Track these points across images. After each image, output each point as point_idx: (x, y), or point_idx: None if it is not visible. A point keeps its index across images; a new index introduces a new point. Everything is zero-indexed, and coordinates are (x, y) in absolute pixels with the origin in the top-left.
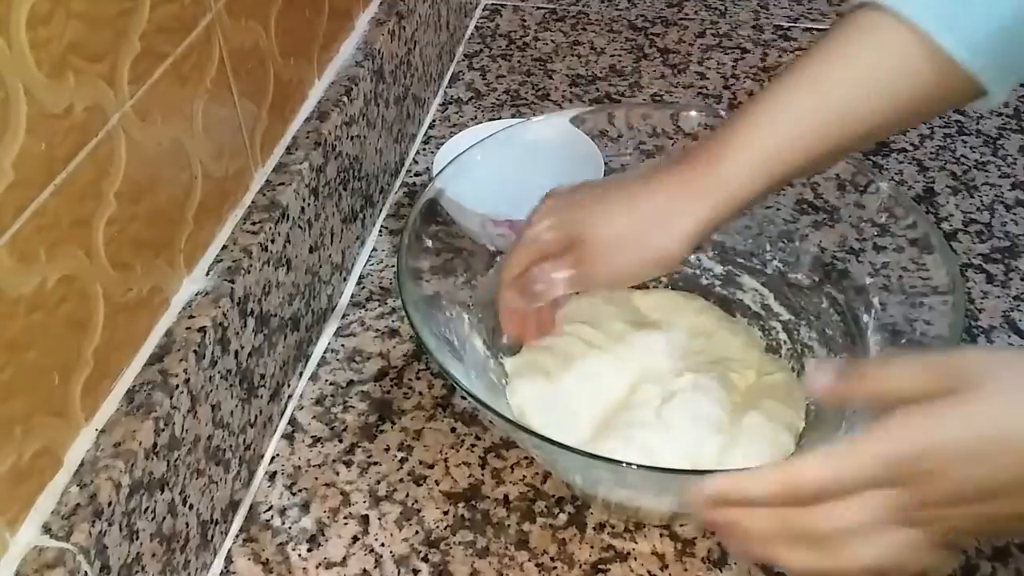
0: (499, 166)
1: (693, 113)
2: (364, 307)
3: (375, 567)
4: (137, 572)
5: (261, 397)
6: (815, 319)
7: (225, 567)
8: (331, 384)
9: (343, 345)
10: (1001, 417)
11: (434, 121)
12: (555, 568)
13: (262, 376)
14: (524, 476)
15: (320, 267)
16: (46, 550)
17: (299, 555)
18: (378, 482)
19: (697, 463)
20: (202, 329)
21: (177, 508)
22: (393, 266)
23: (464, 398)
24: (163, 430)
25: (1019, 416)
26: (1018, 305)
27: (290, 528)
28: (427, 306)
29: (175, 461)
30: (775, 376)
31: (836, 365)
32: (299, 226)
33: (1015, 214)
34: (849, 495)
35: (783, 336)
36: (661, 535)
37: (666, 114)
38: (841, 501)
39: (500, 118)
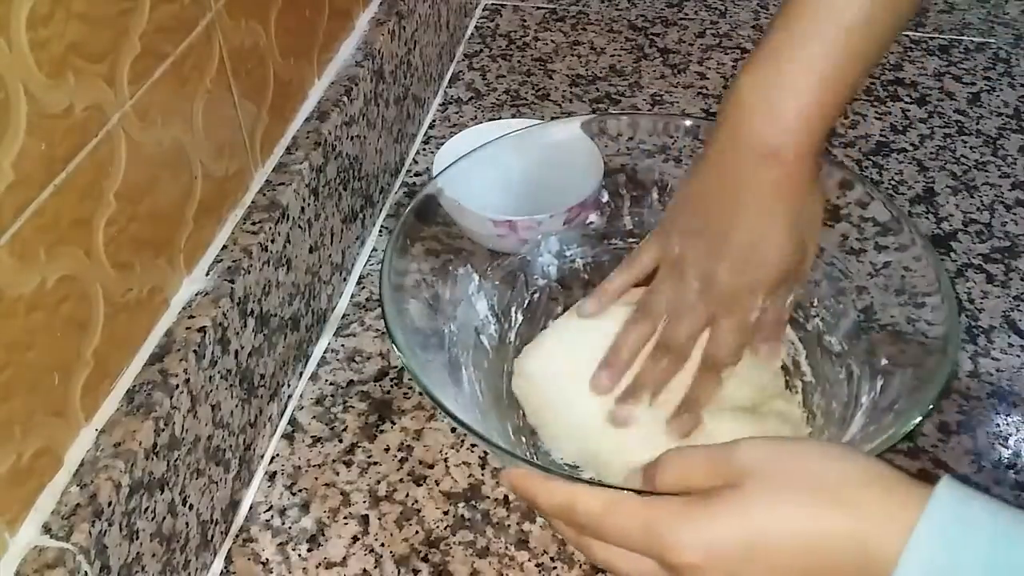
0: (497, 166)
1: (688, 122)
2: (364, 307)
3: (375, 567)
4: (137, 572)
5: (261, 397)
6: (829, 388)
7: (225, 567)
8: (331, 384)
9: (343, 345)
10: (747, 524)
11: (434, 121)
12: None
13: (262, 376)
14: None
15: (320, 267)
16: (46, 550)
17: (299, 555)
18: (378, 482)
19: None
20: (202, 329)
21: (177, 508)
22: None
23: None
24: (163, 430)
25: (762, 523)
26: (1018, 305)
27: (290, 528)
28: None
29: (175, 461)
30: (775, 403)
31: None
32: (299, 226)
33: (1015, 214)
34: (621, 547)
35: (799, 397)
36: None
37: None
38: (618, 548)
39: (500, 118)
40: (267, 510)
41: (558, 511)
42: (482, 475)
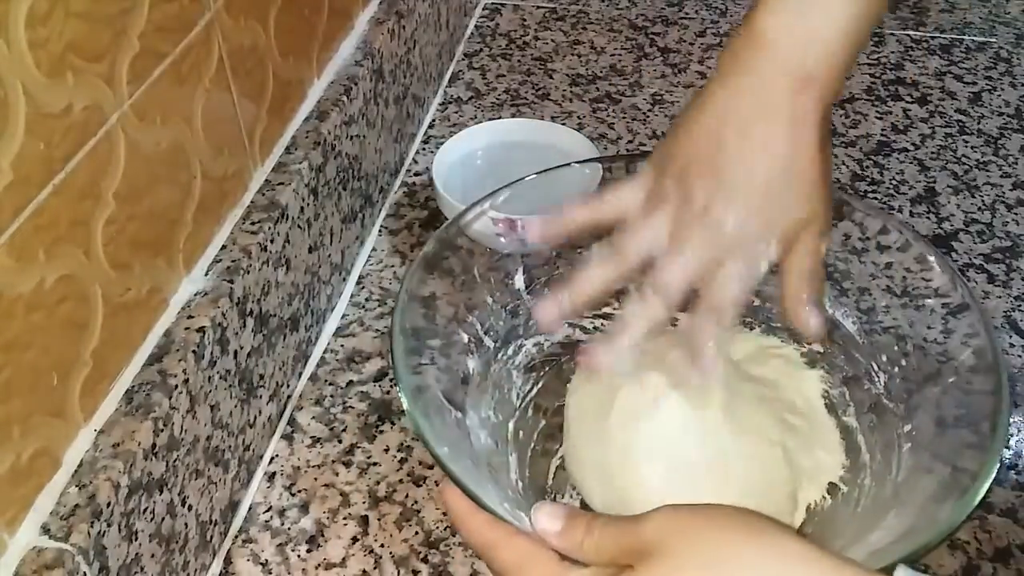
0: (497, 166)
1: None
2: (364, 307)
3: (374, 568)
4: (136, 573)
5: (260, 397)
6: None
7: (224, 568)
8: (330, 384)
9: (342, 345)
10: None
11: (434, 121)
12: None
13: (261, 376)
14: None
15: (319, 267)
16: (45, 551)
17: (298, 556)
18: (377, 483)
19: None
20: (201, 329)
21: (176, 509)
22: (393, 266)
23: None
24: (162, 430)
25: None
26: (1019, 305)
27: (289, 529)
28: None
29: (174, 462)
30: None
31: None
32: (298, 226)
33: (1016, 214)
34: None
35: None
36: None
37: (665, 122)
38: None
39: (500, 118)
40: (266, 511)
41: (480, 549)
42: None
